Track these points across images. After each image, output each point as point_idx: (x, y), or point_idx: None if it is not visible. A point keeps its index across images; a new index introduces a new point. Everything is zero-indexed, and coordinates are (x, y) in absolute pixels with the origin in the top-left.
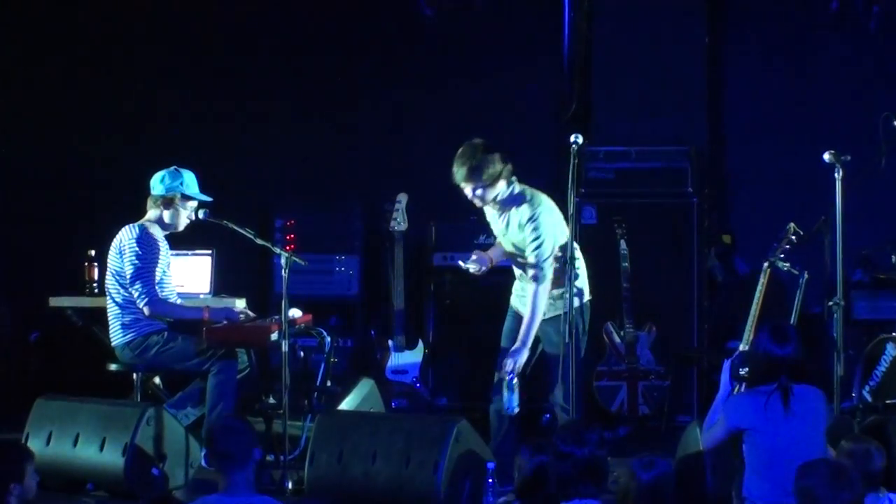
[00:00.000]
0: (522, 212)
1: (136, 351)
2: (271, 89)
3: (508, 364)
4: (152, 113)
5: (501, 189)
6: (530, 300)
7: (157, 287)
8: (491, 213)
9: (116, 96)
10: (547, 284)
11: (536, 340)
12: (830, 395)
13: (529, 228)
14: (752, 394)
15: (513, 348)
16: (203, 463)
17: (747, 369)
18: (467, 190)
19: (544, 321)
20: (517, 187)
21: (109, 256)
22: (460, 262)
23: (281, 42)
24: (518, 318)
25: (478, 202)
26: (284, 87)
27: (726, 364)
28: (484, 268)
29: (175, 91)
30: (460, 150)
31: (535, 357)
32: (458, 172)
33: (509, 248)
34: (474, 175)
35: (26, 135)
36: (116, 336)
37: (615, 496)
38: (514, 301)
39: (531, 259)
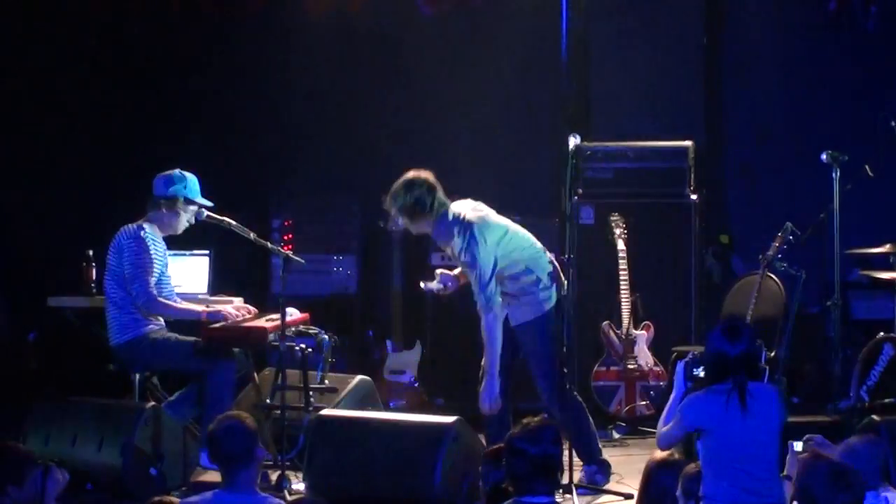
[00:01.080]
0: (456, 242)
1: (134, 351)
2: (269, 89)
3: (483, 404)
4: (151, 112)
5: (424, 224)
6: (483, 332)
7: (155, 287)
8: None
9: (115, 96)
10: (496, 311)
11: (516, 347)
12: (829, 395)
13: (465, 255)
14: (709, 393)
15: (481, 387)
16: (201, 463)
17: (702, 369)
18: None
19: (517, 327)
20: (450, 216)
21: (108, 256)
22: (421, 284)
23: (279, 41)
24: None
25: (414, 231)
26: (282, 86)
27: (680, 365)
28: (450, 287)
29: (174, 91)
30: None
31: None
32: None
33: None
34: (392, 203)
35: (24, 134)
36: (114, 336)
37: None
38: None
39: (475, 288)
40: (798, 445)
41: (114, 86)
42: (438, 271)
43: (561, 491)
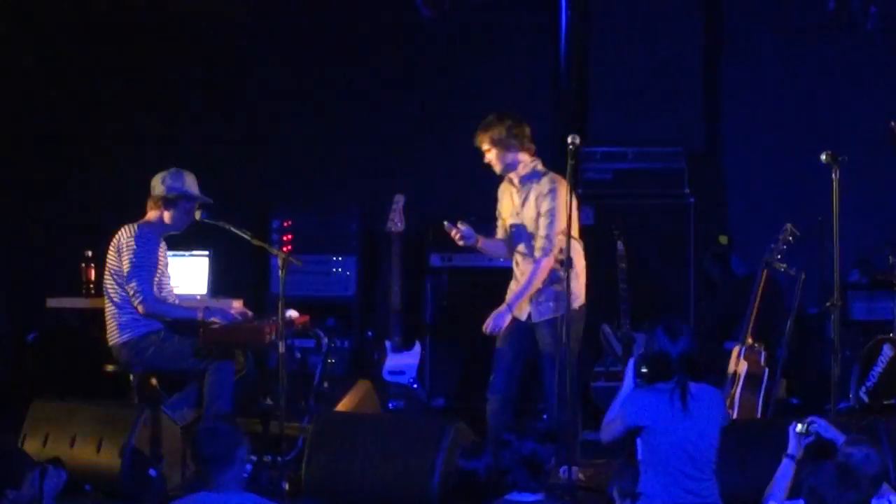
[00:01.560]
0: (543, 184)
1: (133, 351)
2: (268, 91)
3: (489, 323)
4: (150, 114)
5: (517, 161)
6: (530, 270)
7: (154, 287)
8: (508, 190)
9: (114, 97)
10: (551, 259)
11: (534, 343)
12: (828, 396)
13: (548, 199)
14: (651, 391)
15: (496, 311)
16: None
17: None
18: (484, 150)
19: (540, 323)
20: (541, 168)
21: (108, 256)
22: (446, 223)
23: (278, 44)
24: (513, 318)
25: (497, 167)
26: (282, 88)
27: (631, 362)
28: (470, 241)
29: (173, 92)
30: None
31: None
32: (477, 130)
33: (518, 225)
34: (486, 132)
35: (23, 135)
36: (113, 336)
37: None
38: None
39: (542, 231)
40: (799, 427)
41: (113, 85)
42: (466, 223)
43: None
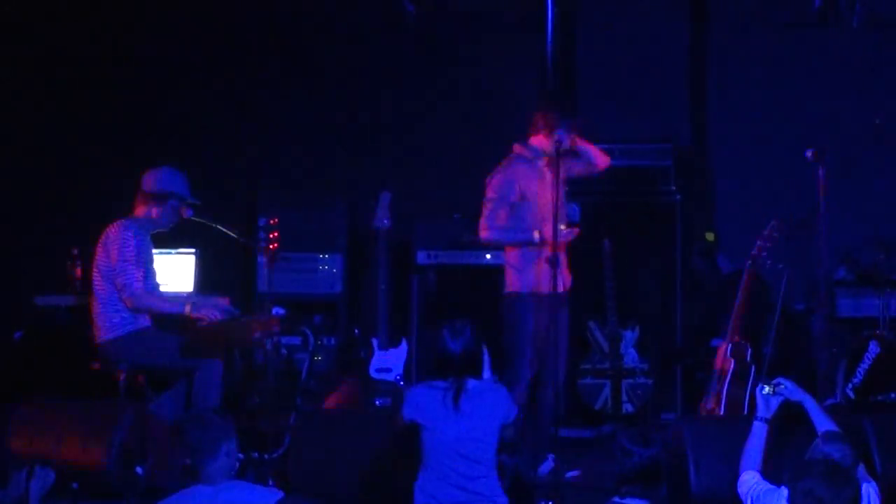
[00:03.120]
0: None
1: (119, 348)
2: (254, 87)
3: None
4: (136, 111)
5: None
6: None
7: (142, 282)
8: None
9: (100, 94)
10: None
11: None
12: (815, 392)
13: None
14: (428, 388)
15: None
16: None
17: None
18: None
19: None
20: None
21: (96, 253)
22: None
23: (264, 40)
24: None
25: None
26: (268, 84)
27: None
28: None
29: (159, 89)
30: None
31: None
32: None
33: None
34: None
35: (8, 133)
36: (101, 333)
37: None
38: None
39: None
40: (767, 389)
41: (99, 83)
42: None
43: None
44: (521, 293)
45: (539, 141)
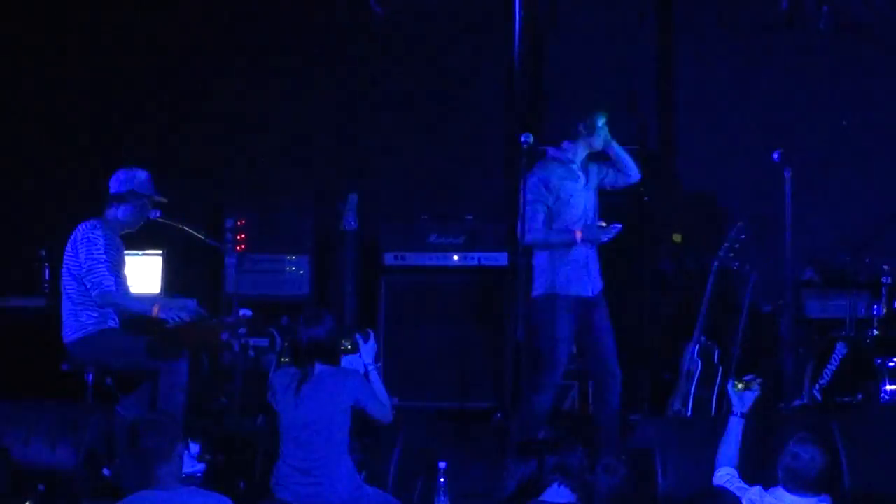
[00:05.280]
0: None
1: (86, 348)
2: (221, 88)
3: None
4: (102, 112)
5: None
6: None
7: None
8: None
9: (66, 96)
10: None
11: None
12: (782, 394)
13: None
14: (283, 374)
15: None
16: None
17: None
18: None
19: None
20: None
21: (65, 254)
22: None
23: (231, 41)
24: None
25: None
26: (234, 85)
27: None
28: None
29: (125, 90)
30: None
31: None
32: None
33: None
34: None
35: None
36: (68, 333)
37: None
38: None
39: None
40: (740, 385)
41: (65, 83)
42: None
43: None
44: (551, 294)
45: (572, 144)
